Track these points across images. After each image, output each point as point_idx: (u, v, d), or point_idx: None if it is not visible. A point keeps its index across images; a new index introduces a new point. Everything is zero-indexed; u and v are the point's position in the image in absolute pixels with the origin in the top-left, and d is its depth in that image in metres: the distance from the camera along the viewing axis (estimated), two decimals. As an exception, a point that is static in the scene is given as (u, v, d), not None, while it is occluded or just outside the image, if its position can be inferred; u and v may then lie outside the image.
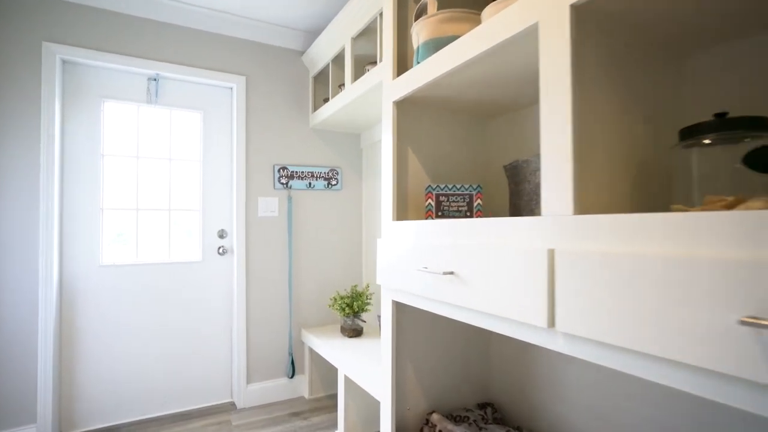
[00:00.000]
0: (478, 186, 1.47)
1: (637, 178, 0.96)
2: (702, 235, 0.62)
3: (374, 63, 2.06)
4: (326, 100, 2.60)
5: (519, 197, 1.31)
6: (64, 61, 2.16)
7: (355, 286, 2.59)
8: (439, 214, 1.47)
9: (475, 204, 1.47)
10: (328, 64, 2.52)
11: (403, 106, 1.56)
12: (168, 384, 2.39)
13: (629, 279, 0.69)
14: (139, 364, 2.32)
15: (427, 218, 1.49)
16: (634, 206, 0.95)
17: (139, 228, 2.36)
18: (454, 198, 1.47)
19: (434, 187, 1.48)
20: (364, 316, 2.75)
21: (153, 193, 2.41)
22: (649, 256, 0.67)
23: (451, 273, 1.14)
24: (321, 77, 2.73)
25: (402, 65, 1.57)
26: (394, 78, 1.53)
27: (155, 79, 2.38)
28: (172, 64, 2.35)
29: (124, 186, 2.34)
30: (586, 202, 0.85)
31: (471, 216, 1.47)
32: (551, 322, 0.85)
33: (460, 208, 1.47)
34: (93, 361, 2.22)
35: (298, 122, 2.70)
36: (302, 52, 2.71)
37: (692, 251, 0.63)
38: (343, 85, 2.32)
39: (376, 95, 1.99)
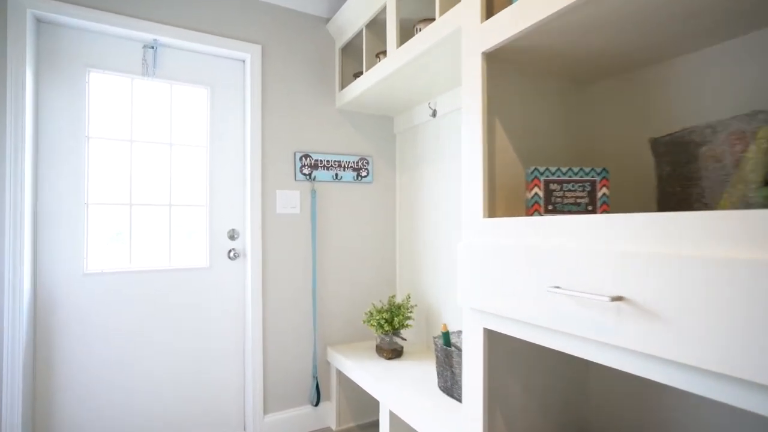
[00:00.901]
0: (603, 170, 1.05)
1: None
2: None
3: (427, 20, 1.64)
4: (356, 75, 2.19)
5: (687, 183, 0.90)
6: (38, 20, 1.74)
7: (393, 296, 2.17)
8: (549, 208, 1.06)
9: (599, 194, 1.05)
10: (361, 31, 2.10)
11: (491, 60, 1.15)
12: (169, 414, 1.97)
13: None
14: (133, 391, 1.90)
15: (532, 214, 1.08)
16: None
17: (132, 227, 1.94)
18: (569, 186, 1.06)
19: (542, 171, 1.06)
20: (403, 332, 2.33)
21: (150, 185, 1.98)
22: None
23: (620, 299, 0.73)
24: (350, 49, 2.31)
25: (488, 6, 1.16)
26: (482, 21, 1.12)
27: (153, 47, 1.96)
28: (174, 28, 1.92)
29: (115, 176, 1.91)
30: None
31: (594, 211, 1.06)
32: None
33: (578, 201, 1.06)
34: (76, 389, 1.79)
35: (322, 102, 2.28)
36: (327, 20, 2.29)
37: None
38: (383, 53, 1.91)
39: (438, 56, 1.57)
